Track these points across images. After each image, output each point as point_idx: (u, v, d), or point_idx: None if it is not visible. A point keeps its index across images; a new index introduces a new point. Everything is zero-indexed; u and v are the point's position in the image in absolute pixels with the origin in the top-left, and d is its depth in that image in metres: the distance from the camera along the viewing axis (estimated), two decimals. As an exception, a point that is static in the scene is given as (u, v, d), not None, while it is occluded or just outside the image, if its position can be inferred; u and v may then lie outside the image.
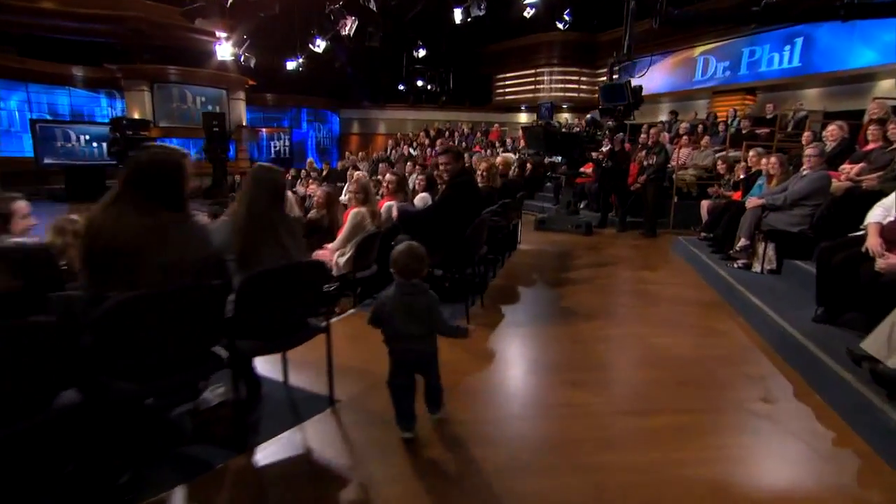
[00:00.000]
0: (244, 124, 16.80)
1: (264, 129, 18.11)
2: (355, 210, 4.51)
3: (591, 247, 7.26)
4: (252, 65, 13.58)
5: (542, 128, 8.34)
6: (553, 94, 17.41)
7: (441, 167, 4.28)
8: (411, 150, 14.73)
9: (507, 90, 18.92)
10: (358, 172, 7.02)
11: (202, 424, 2.62)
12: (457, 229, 4.00)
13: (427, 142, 15.28)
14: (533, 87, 18.00)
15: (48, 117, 13.25)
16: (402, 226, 4.44)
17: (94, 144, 12.29)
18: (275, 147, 18.13)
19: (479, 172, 5.62)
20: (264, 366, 2.99)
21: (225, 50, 12.40)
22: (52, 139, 12.15)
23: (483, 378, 3.17)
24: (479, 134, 15.52)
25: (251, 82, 16.53)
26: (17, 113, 12.99)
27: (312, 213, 5.93)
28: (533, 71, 17.96)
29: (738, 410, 2.80)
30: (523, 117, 18.19)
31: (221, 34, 12.22)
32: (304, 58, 14.27)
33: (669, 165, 8.41)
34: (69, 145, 12.33)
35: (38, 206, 3.69)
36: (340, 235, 4.57)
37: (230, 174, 12.71)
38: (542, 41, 17.15)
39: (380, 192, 5.54)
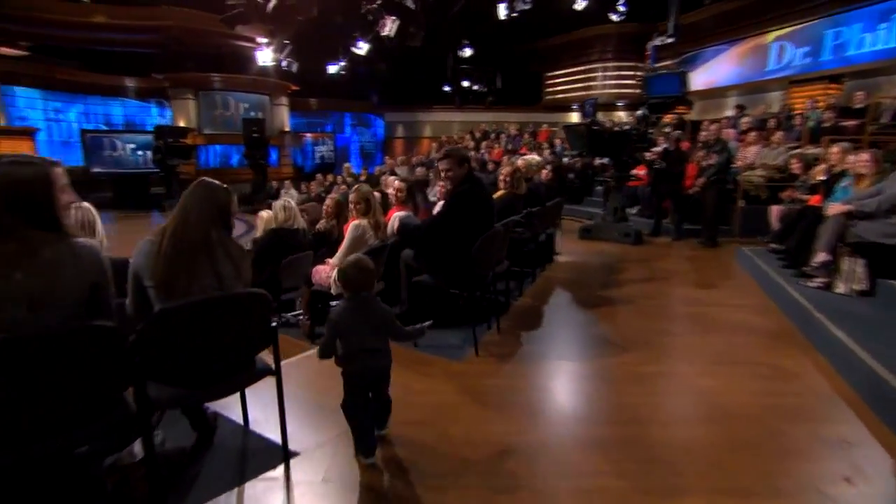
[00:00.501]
0: (287, 130, 16.87)
1: (308, 135, 18.14)
2: (355, 222, 4.04)
3: (640, 259, 6.44)
4: (294, 69, 13.50)
5: (585, 126, 7.56)
6: (607, 90, 16.39)
7: (443, 174, 3.70)
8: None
9: (558, 88, 18.02)
10: (390, 178, 6.55)
11: (122, 483, 2.19)
12: (462, 244, 3.41)
13: (472, 144, 14.71)
14: (585, 84, 17.03)
15: (104, 127, 13.80)
16: (403, 240, 3.90)
17: (140, 153, 12.63)
18: (319, 152, 18.13)
19: (500, 177, 4.99)
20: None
21: (265, 55, 12.35)
22: (101, 148, 12.58)
23: (473, 430, 2.56)
24: (526, 135, 14.78)
25: (293, 87, 16.57)
26: (75, 124, 13.58)
27: (321, 224, 5.51)
28: (585, 67, 16.99)
29: (810, 494, 2.05)
30: (574, 117, 17.25)
31: (262, 40, 12.18)
32: (346, 61, 14.12)
33: (734, 165, 7.41)
34: (116, 154, 12.73)
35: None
36: (340, 250, 4.10)
37: (270, 180, 12.67)
38: (595, 35, 16.16)
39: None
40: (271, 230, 4.38)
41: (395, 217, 4.34)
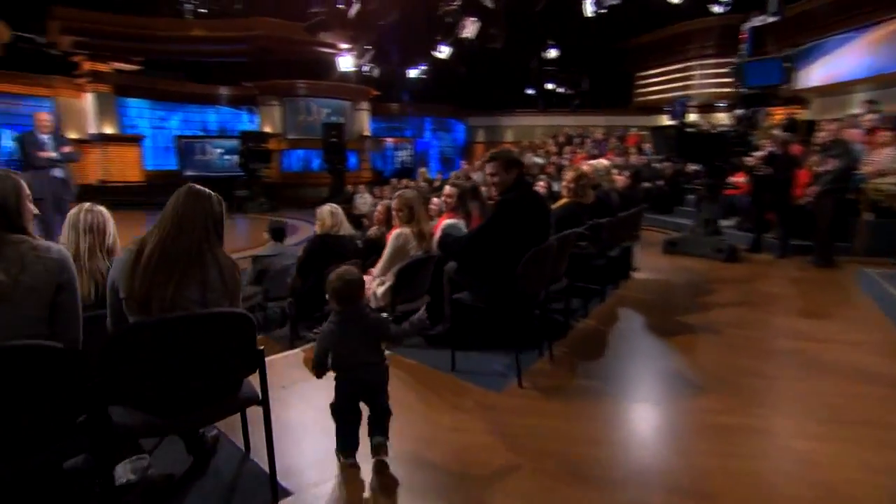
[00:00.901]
0: (367, 134, 17.14)
1: (389, 140, 18.33)
2: (397, 231, 3.74)
3: (734, 279, 5.59)
4: (375, 74, 13.64)
5: (675, 128, 6.76)
6: (706, 90, 15.00)
7: (489, 179, 3.29)
8: (536, 159, 13.61)
9: (651, 89, 16.80)
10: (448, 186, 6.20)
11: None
12: (508, 259, 2.97)
13: (554, 149, 14.05)
14: (682, 83, 15.71)
15: (200, 133, 14.84)
16: (444, 253, 3.53)
17: (226, 157, 13.33)
18: (399, 157, 18.25)
19: (563, 184, 4.46)
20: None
21: (346, 61, 12.58)
22: (193, 153, 13.47)
23: (496, 483, 2.12)
24: (613, 139, 13.86)
25: (374, 92, 16.80)
26: (176, 131, 14.71)
27: (372, 230, 5.28)
28: (682, 65, 15.67)
29: None
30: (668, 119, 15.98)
31: (344, 46, 12.41)
32: (426, 65, 14.06)
33: (859, 171, 6.27)
34: (206, 158, 13.57)
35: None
36: (380, 260, 3.81)
37: (347, 184, 12.84)
38: (693, 29, 14.82)
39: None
40: (317, 236, 4.22)
41: (444, 225, 3.98)
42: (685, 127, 6.85)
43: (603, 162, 5.80)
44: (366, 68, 13.30)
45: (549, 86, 17.18)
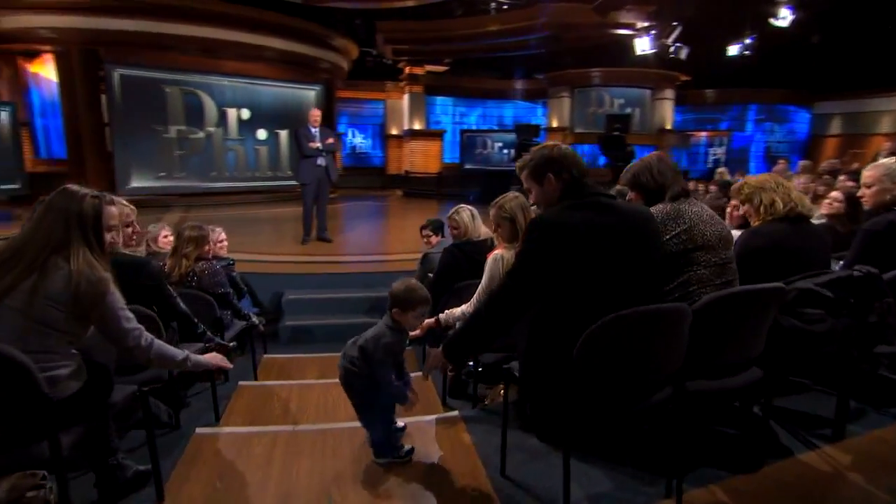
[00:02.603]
0: (667, 127, 14.62)
1: (702, 133, 15.31)
2: (496, 254, 2.67)
3: None
4: (683, 56, 11.43)
5: None
6: None
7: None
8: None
9: None
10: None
11: None
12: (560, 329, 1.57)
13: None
14: None
15: (495, 128, 15.27)
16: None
17: (505, 151, 13.19)
18: (714, 154, 15.10)
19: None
20: None
21: (644, 43, 10.81)
22: (474, 146, 13.77)
23: None
24: None
25: (683, 77, 14.14)
26: (474, 126, 15.53)
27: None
28: None
29: None
30: None
31: (642, 24, 10.68)
32: (754, 38, 11.09)
33: None
34: (486, 152, 13.68)
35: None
36: (478, 290, 2.73)
37: (620, 184, 11.11)
38: None
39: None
40: (452, 245, 3.37)
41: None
42: None
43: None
44: (672, 49, 11.26)
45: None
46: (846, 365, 2.21)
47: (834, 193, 3.73)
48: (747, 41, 11.16)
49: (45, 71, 9.77)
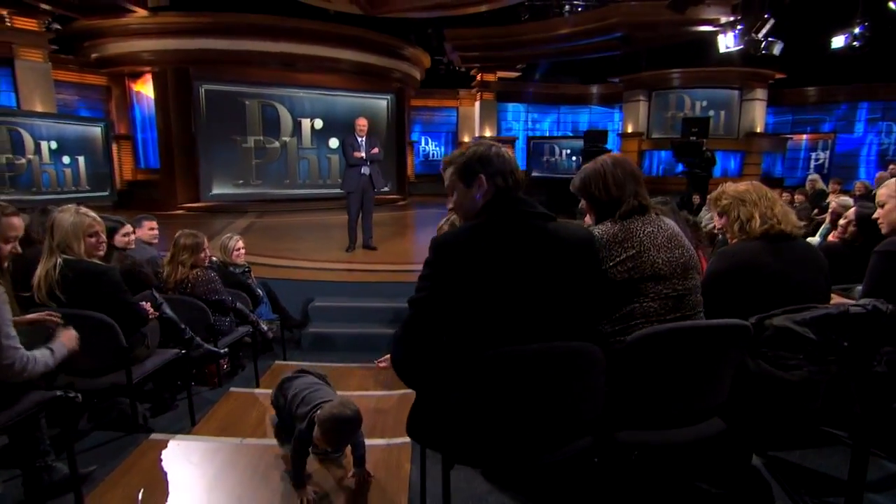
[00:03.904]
0: (757, 131, 13.22)
1: (803, 136, 13.72)
2: None
3: None
4: (776, 51, 10.33)
5: None
6: None
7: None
8: None
9: None
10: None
11: None
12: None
13: None
14: None
15: (570, 134, 14.77)
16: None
17: (574, 158, 12.62)
18: (816, 159, 13.48)
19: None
20: None
21: (728, 39, 9.88)
22: (541, 154, 13.33)
23: None
24: None
25: (777, 75, 12.73)
26: (547, 133, 15.14)
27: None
28: None
29: None
30: None
31: (726, 19, 9.79)
32: (864, 28, 9.77)
33: None
34: (553, 159, 13.19)
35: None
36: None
37: (695, 192, 10.16)
38: None
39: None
40: None
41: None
42: None
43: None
44: (764, 43, 10.20)
45: None
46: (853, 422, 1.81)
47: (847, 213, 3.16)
48: (856, 31, 9.86)
49: (146, 89, 10.90)
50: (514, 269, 1.50)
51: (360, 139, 6.68)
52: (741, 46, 10.15)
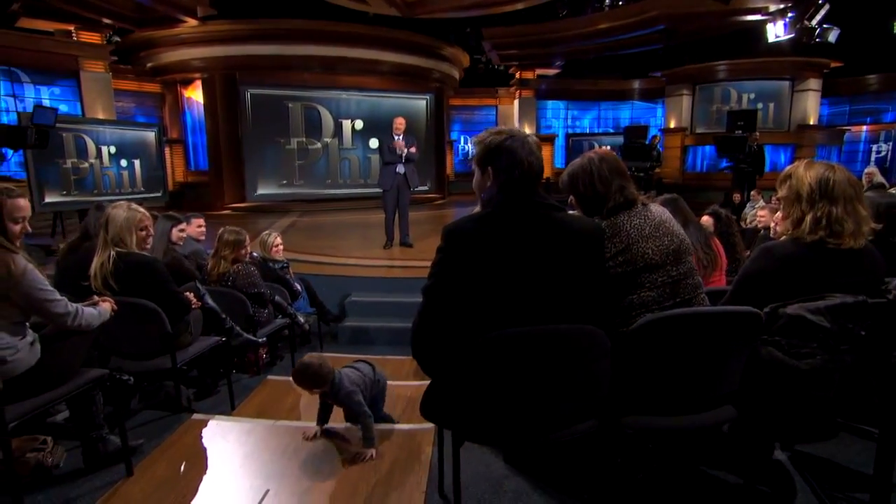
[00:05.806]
0: (811, 123, 12.57)
1: (863, 127, 12.94)
2: None
3: None
4: (832, 39, 9.85)
5: None
6: None
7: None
8: None
9: None
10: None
11: None
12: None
13: None
14: None
15: (611, 131, 14.51)
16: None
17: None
18: (878, 151, 12.72)
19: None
20: None
21: (779, 28, 9.51)
22: (581, 151, 13.00)
23: None
24: None
25: (832, 64, 12.06)
26: (587, 130, 14.93)
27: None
28: None
29: None
30: None
31: (775, 7, 9.41)
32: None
33: None
34: None
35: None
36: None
37: (740, 189, 9.78)
38: None
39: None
40: None
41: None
42: None
43: None
44: (817, 31, 9.74)
45: None
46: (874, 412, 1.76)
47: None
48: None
49: (196, 95, 11.45)
50: (521, 256, 1.55)
51: (397, 137, 6.83)
52: (792, 35, 9.75)
